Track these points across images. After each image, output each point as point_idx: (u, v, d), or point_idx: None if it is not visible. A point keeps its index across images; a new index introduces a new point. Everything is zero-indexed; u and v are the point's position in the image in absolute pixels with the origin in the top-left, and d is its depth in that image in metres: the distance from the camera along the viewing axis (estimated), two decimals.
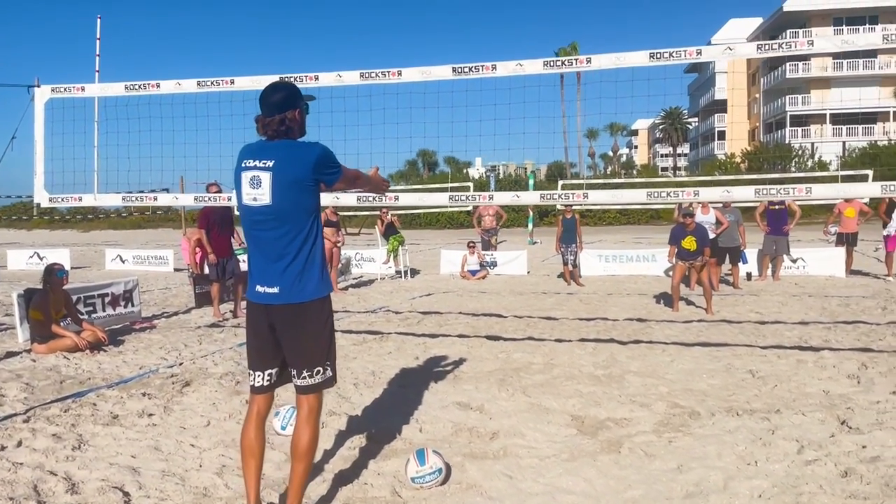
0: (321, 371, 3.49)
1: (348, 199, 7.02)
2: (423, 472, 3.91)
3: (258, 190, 3.40)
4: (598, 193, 8.92)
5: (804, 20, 55.78)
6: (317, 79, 6.35)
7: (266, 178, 3.38)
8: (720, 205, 12.90)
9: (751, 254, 14.06)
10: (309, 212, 3.45)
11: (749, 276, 13.91)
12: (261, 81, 6.58)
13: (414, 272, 16.55)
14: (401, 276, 15.91)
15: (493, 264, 16.38)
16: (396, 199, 6.98)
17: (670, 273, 14.46)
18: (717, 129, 71.30)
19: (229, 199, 7.65)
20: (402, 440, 4.71)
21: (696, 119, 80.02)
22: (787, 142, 54.99)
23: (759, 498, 3.71)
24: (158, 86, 6.86)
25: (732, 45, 5.51)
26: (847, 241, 14.43)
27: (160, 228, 50.60)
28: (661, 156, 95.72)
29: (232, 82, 6.68)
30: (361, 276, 16.28)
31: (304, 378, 3.48)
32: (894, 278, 13.39)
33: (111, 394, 5.88)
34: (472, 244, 16.13)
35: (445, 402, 5.56)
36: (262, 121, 3.48)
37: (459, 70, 5.94)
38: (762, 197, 6.15)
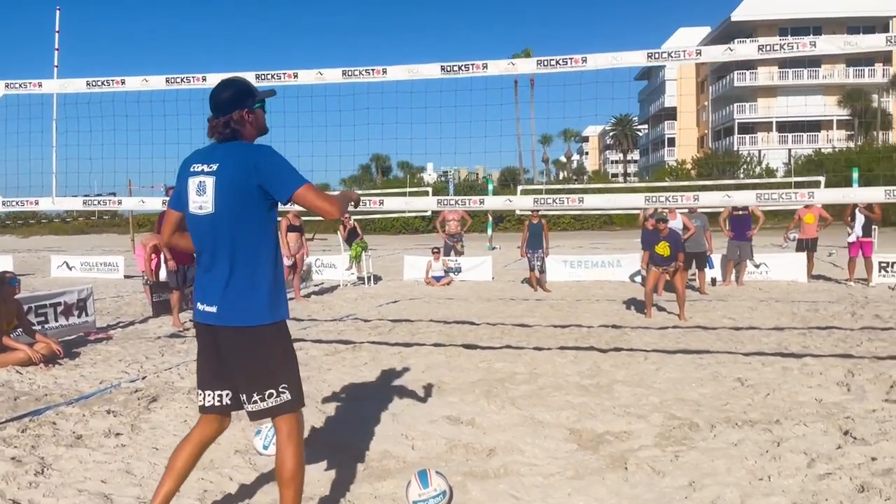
0: (274, 394, 3.09)
1: None
2: (426, 495, 3.63)
3: (203, 197, 3.07)
4: (594, 198, 8.76)
5: (751, 30, 57.11)
6: (296, 76, 6.04)
7: (210, 183, 3.04)
8: (686, 210, 12.93)
9: (717, 259, 14.14)
10: (256, 224, 3.07)
11: (714, 281, 13.97)
12: None
13: (377, 278, 16.22)
14: (364, 283, 15.58)
15: (458, 270, 16.16)
16: (381, 203, 6.70)
17: (636, 279, 14.49)
18: (667, 136, 72.48)
19: None
20: (395, 459, 4.43)
21: (646, 126, 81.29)
22: (735, 149, 56.16)
23: None
24: (123, 82, 6.44)
25: (733, 46, 5.41)
26: (807, 246, 14.61)
27: (105, 234, 49.08)
28: (612, 162, 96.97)
29: (204, 79, 6.28)
30: (323, 283, 15.89)
31: (255, 402, 3.09)
32: (855, 283, 13.59)
33: (72, 411, 5.47)
34: (436, 250, 15.89)
35: (433, 415, 5.30)
36: (210, 122, 3.17)
37: (448, 69, 5.70)
38: (764, 202, 6.05)
